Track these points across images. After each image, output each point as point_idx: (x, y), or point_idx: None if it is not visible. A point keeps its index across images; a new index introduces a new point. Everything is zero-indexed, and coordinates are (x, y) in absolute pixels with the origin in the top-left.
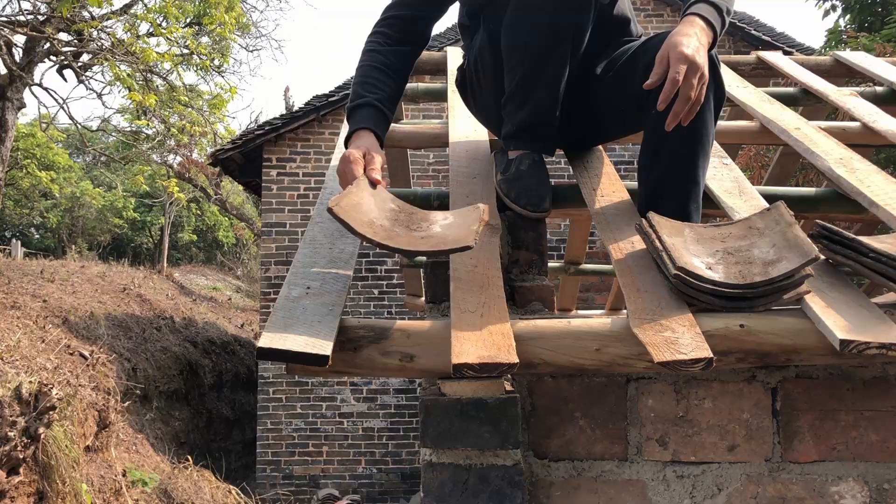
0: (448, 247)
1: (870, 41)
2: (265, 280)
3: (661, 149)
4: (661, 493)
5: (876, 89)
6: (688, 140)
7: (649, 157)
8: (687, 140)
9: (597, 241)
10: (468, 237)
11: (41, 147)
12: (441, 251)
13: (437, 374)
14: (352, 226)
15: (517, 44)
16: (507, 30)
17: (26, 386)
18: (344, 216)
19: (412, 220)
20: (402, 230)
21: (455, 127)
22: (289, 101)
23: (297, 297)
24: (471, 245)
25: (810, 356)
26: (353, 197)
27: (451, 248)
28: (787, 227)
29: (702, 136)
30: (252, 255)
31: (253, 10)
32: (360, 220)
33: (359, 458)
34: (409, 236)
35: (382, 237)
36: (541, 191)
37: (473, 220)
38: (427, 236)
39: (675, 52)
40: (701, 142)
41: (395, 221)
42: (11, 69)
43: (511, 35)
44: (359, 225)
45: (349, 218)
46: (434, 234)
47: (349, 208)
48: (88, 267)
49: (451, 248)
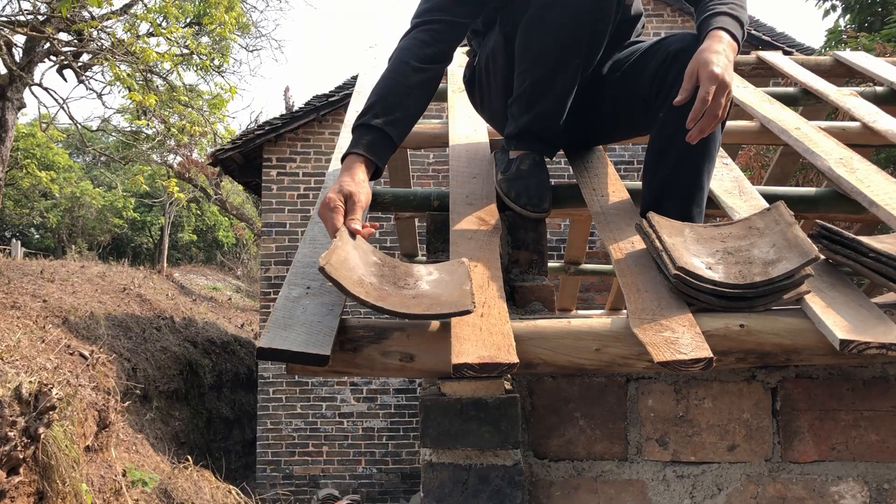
0: (446, 310)
1: (870, 41)
2: (265, 280)
3: (667, 152)
4: (661, 493)
5: (876, 89)
6: (695, 145)
7: (655, 159)
8: (694, 145)
9: (597, 241)
10: (465, 299)
11: (41, 147)
12: (438, 315)
13: (437, 374)
14: (343, 285)
15: (531, 51)
16: (523, 36)
17: (26, 386)
18: (335, 275)
19: (397, 276)
20: (390, 288)
21: (455, 127)
22: (289, 101)
23: (297, 297)
24: (471, 309)
25: (810, 356)
26: (340, 252)
27: (451, 311)
28: (787, 227)
29: (709, 142)
30: (252, 255)
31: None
32: (350, 279)
33: (359, 458)
34: (399, 295)
35: (375, 297)
36: (541, 191)
37: (462, 277)
38: (418, 295)
39: (705, 70)
40: (707, 147)
41: (382, 277)
42: (11, 69)
43: (526, 41)
44: (350, 284)
45: (340, 277)
46: (423, 292)
47: (339, 265)
48: (88, 267)
49: (449, 311)
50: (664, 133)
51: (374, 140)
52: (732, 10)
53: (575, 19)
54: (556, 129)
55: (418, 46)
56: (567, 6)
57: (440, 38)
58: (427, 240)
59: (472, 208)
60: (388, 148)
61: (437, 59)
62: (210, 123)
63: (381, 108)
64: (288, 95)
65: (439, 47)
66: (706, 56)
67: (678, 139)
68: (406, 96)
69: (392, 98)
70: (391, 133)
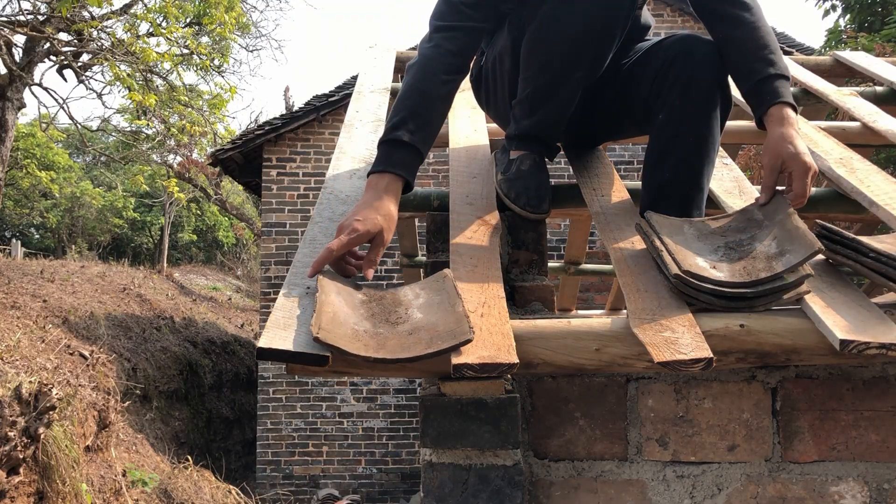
0: (447, 344)
1: (870, 41)
2: (265, 280)
3: (666, 154)
4: (661, 493)
5: (876, 89)
6: (694, 147)
7: (654, 161)
8: (693, 147)
9: (597, 241)
10: (462, 326)
11: (41, 147)
12: (440, 351)
13: (437, 374)
14: (343, 348)
15: (535, 59)
16: (529, 43)
17: (26, 386)
18: (329, 339)
19: (386, 310)
20: (385, 329)
21: (455, 127)
22: (289, 101)
23: (297, 297)
24: (471, 338)
25: (810, 356)
26: (327, 309)
27: (451, 345)
28: (786, 217)
29: (708, 143)
30: (252, 255)
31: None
32: (345, 336)
33: (359, 458)
34: (396, 335)
35: (373, 347)
36: (540, 192)
37: (451, 295)
38: (414, 330)
39: (795, 162)
40: (707, 148)
41: (373, 317)
42: (11, 69)
43: (531, 49)
44: (347, 343)
45: (335, 339)
46: (418, 324)
47: (330, 327)
48: (88, 267)
49: (450, 345)
50: (664, 135)
51: (408, 158)
52: (778, 63)
53: (581, 35)
54: (557, 134)
55: (445, 56)
56: (574, 21)
57: (463, 47)
58: (427, 240)
59: (472, 208)
60: (419, 164)
61: (462, 68)
62: (210, 123)
63: (414, 124)
64: (288, 95)
65: (463, 57)
66: (788, 148)
67: (678, 141)
68: (435, 110)
69: (423, 113)
70: (423, 150)
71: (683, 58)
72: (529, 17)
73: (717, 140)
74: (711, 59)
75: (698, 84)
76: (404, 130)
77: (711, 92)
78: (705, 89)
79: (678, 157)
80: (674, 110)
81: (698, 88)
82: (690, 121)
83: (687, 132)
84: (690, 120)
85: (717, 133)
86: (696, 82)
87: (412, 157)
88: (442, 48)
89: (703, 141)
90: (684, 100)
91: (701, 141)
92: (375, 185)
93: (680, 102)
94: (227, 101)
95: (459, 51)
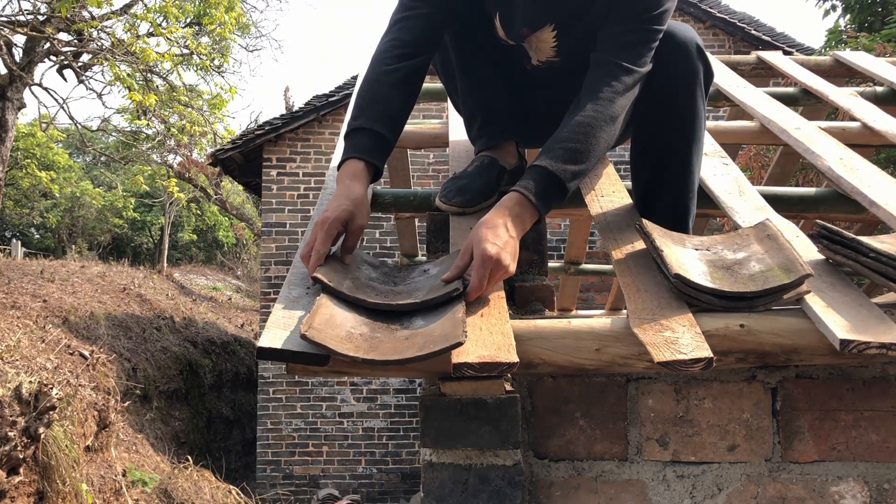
0: (438, 346)
1: (870, 41)
2: (265, 280)
3: (651, 141)
4: (661, 493)
5: (876, 89)
6: (679, 129)
7: (640, 150)
8: (678, 129)
9: (597, 241)
10: (456, 330)
11: (41, 147)
12: (431, 354)
13: (437, 373)
14: (330, 347)
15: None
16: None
17: (26, 386)
18: (321, 339)
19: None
20: (383, 333)
21: (455, 127)
22: (289, 101)
23: (297, 297)
24: (463, 341)
25: (810, 356)
26: (323, 311)
27: (442, 348)
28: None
29: (693, 119)
30: (252, 255)
31: (253, 10)
32: (337, 336)
33: (359, 458)
34: (392, 340)
35: (364, 349)
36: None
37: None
38: (412, 335)
39: (476, 248)
40: (693, 125)
41: (375, 326)
42: (11, 69)
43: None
44: (336, 343)
45: (325, 339)
46: (417, 328)
47: (322, 326)
48: (88, 267)
49: (441, 348)
50: (645, 123)
51: (368, 142)
52: (561, 161)
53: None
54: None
55: (394, 46)
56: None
57: (414, 34)
58: (427, 240)
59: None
60: (384, 147)
61: (409, 56)
62: (210, 123)
63: (372, 112)
64: (288, 95)
65: (416, 44)
66: (482, 232)
67: (661, 128)
68: (390, 97)
69: (380, 100)
70: (383, 131)
71: (659, 56)
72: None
73: (702, 116)
74: (691, 36)
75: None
76: (362, 119)
77: (691, 69)
78: (683, 66)
79: (664, 141)
80: (654, 102)
81: (677, 67)
82: (672, 100)
83: (672, 113)
84: (671, 99)
85: (702, 110)
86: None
87: (374, 141)
88: (394, 39)
89: (687, 119)
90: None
91: (685, 120)
92: (342, 175)
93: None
94: (227, 101)
95: (412, 39)
